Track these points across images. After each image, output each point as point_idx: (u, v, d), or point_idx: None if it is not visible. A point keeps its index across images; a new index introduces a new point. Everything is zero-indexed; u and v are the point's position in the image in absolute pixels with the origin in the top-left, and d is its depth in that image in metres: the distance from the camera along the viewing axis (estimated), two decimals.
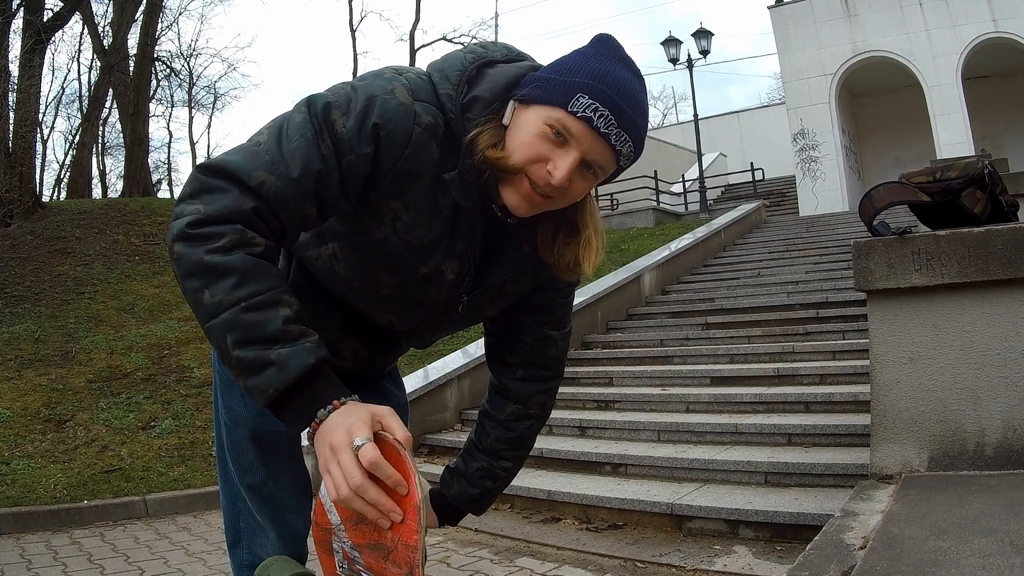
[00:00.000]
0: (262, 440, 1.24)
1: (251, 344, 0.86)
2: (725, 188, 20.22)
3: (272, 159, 0.93)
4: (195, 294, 0.88)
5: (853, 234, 8.11)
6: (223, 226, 0.89)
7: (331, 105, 0.95)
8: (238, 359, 0.87)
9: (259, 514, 1.29)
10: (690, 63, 16.49)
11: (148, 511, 4.22)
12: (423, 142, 0.96)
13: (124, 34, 16.24)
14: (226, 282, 0.87)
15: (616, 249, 10.25)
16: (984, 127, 14.87)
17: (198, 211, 0.89)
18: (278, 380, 0.86)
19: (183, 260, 0.88)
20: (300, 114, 0.96)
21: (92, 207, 12.41)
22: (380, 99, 0.95)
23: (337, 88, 0.98)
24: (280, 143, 0.94)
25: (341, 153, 0.94)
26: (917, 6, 14.36)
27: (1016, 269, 2.41)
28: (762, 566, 2.85)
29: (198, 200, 0.90)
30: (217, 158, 0.94)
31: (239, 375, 0.89)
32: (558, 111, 0.94)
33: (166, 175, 29.51)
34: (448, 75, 0.99)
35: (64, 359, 6.86)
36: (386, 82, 0.97)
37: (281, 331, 0.87)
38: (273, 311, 0.87)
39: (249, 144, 0.96)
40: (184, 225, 0.89)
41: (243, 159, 0.93)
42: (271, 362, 0.86)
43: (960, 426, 2.49)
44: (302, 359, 0.87)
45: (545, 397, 1.31)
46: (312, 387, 0.88)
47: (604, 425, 4.63)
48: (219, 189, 0.91)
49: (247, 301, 0.87)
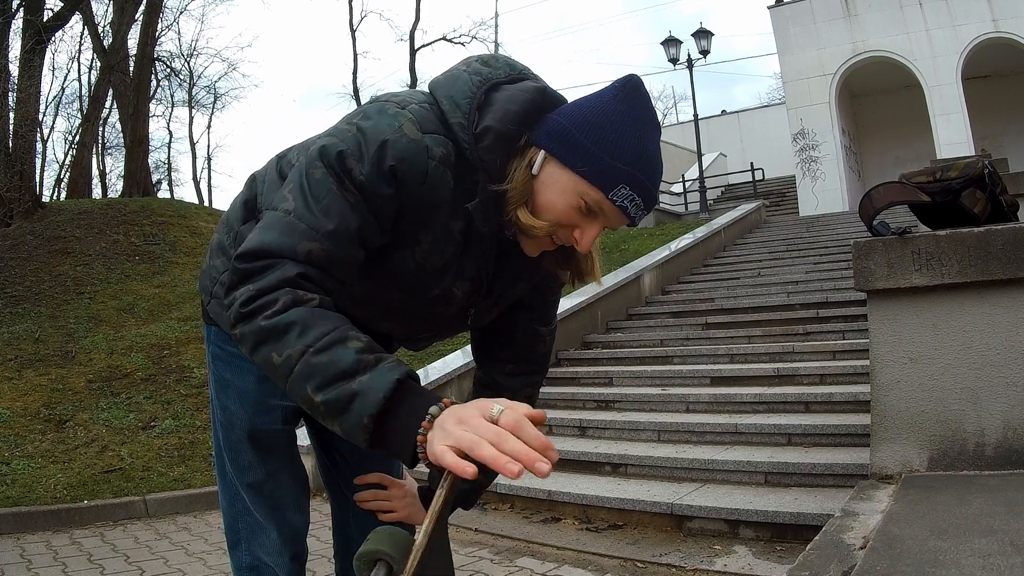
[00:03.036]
0: (259, 439, 1.26)
1: (330, 384, 0.84)
2: (725, 188, 20.21)
3: (309, 225, 0.92)
4: (267, 361, 0.88)
5: (853, 234, 8.11)
6: (273, 294, 0.88)
7: (344, 154, 0.94)
8: (324, 403, 0.84)
9: (259, 513, 1.29)
10: (690, 63, 16.49)
11: (148, 511, 4.22)
12: (439, 174, 0.97)
13: (124, 34, 16.24)
14: (289, 336, 0.86)
15: (616, 249, 10.25)
16: (984, 127, 14.86)
17: (248, 291, 0.89)
18: (370, 406, 0.82)
19: (246, 337, 0.89)
20: (317, 170, 0.95)
21: (92, 207, 12.41)
22: (391, 141, 0.94)
23: (343, 132, 0.97)
24: (309, 206, 0.93)
25: (367, 197, 0.95)
26: (917, 6, 14.36)
27: (1016, 269, 2.41)
28: (762, 566, 2.85)
29: (246, 284, 0.90)
30: (254, 241, 0.92)
31: (332, 421, 0.85)
32: (597, 193, 0.94)
33: (166, 175, 29.52)
34: (458, 102, 0.98)
35: (64, 359, 6.86)
36: (392, 119, 0.96)
37: (356, 361, 0.84)
38: (342, 347, 0.85)
39: (279, 215, 0.94)
40: (238, 307, 0.89)
41: (281, 236, 0.92)
42: (355, 393, 0.83)
43: (960, 426, 2.49)
44: (385, 378, 0.83)
45: (532, 391, 1.32)
46: (405, 403, 0.83)
47: (604, 425, 4.63)
48: (265, 269, 0.90)
49: (314, 346, 0.85)
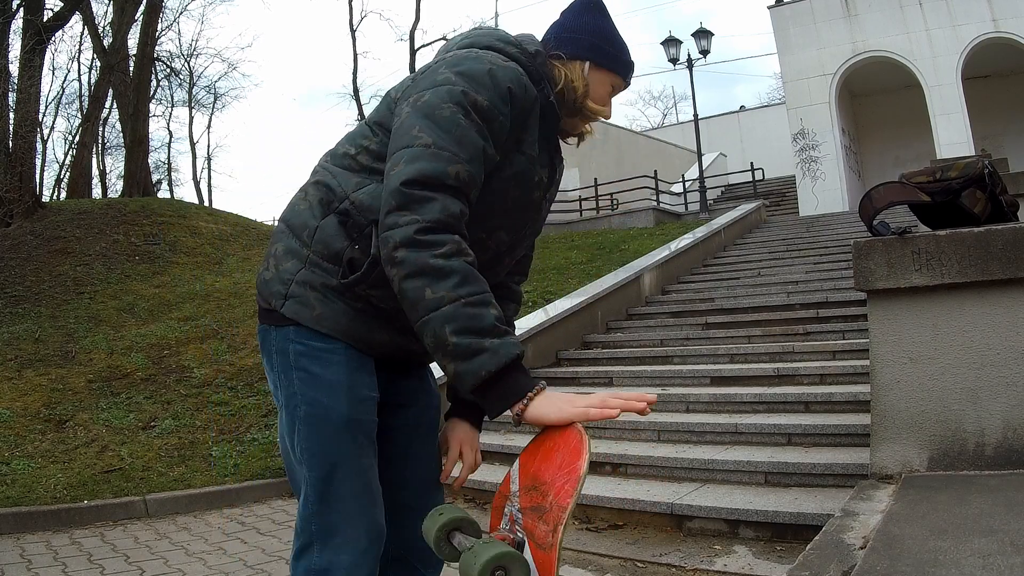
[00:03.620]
0: (356, 430, 1.22)
1: (468, 333, 1.03)
2: (725, 188, 20.21)
3: (451, 152, 1.12)
4: (416, 291, 1.05)
5: (853, 234, 8.11)
6: (444, 235, 1.07)
7: (466, 90, 1.16)
8: (455, 345, 1.03)
9: (348, 509, 1.23)
10: (690, 63, 16.48)
11: (148, 511, 4.22)
12: (529, 86, 1.24)
13: (124, 34, 16.24)
14: (448, 282, 1.04)
15: (616, 249, 10.25)
16: (984, 127, 14.86)
17: (416, 220, 1.06)
18: (491, 364, 1.02)
19: (407, 263, 1.06)
20: (445, 109, 1.14)
21: (92, 207, 12.41)
22: (499, 69, 1.20)
23: (449, 77, 1.18)
24: (445, 138, 1.12)
25: (489, 121, 1.17)
26: (917, 6, 14.36)
27: (1016, 269, 2.41)
28: (762, 566, 2.85)
29: (410, 211, 1.07)
30: (411, 170, 1.10)
31: (450, 361, 1.04)
32: (619, 80, 1.37)
33: (166, 175, 29.53)
34: (505, 39, 1.31)
35: (64, 359, 6.86)
36: (488, 55, 1.23)
37: (493, 326, 1.04)
38: (486, 309, 1.05)
39: (419, 149, 1.12)
40: (413, 232, 1.06)
41: (431, 162, 1.10)
42: (485, 348, 1.03)
43: (960, 426, 2.49)
44: (511, 349, 1.04)
45: (520, 289, 1.56)
46: (515, 374, 1.05)
47: (604, 425, 4.63)
48: (426, 199, 1.08)
49: (467, 298, 1.04)
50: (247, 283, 9.38)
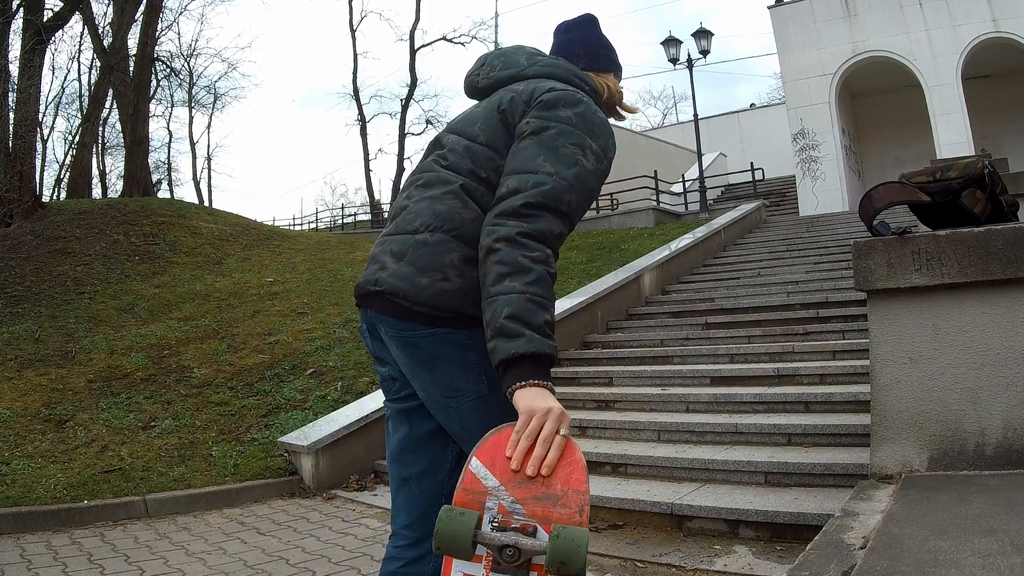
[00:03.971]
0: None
1: (518, 320, 1.18)
2: (725, 188, 20.20)
3: (568, 184, 1.31)
4: (498, 275, 1.22)
5: (853, 234, 8.12)
6: (539, 244, 1.25)
7: (583, 134, 1.36)
8: (503, 324, 1.18)
9: None
10: (690, 63, 16.47)
11: (148, 511, 4.22)
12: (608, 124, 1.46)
13: (124, 34, 16.25)
14: (526, 278, 1.21)
15: (616, 249, 10.25)
16: (984, 127, 14.86)
17: (522, 226, 1.25)
18: (523, 347, 1.17)
19: (501, 252, 1.23)
20: (570, 145, 1.34)
21: (92, 207, 12.42)
22: (598, 116, 1.41)
23: (569, 119, 1.37)
24: (568, 171, 1.32)
25: (599, 162, 1.37)
26: (917, 6, 14.35)
27: (1016, 269, 2.41)
28: (762, 566, 2.85)
29: (519, 219, 1.26)
30: (533, 194, 1.28)
31: (494, 336, 1.19)
32: (620, 82, 1.67)
33: (166, 175, 29.54)
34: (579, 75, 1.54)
35: (64, 359, 6.86)
36: (585, 98, 1.43)
37: (541, 325, 1.20)
38: (543, 311, 1.21)
39: (544, 176, 1.30)
40: (515, 233, 1.24)
41: (552, 190, 1.29)
42: (524, 335, 1.18)
43: (960, 426, 2.48)
44: (546, 345, 1.19)
45: None
46: (539, 363, 1.18)
47: (604, 425, 4.63)
48: (537, 216, 1.27)
49: (532, 296, 1.20)
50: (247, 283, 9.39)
